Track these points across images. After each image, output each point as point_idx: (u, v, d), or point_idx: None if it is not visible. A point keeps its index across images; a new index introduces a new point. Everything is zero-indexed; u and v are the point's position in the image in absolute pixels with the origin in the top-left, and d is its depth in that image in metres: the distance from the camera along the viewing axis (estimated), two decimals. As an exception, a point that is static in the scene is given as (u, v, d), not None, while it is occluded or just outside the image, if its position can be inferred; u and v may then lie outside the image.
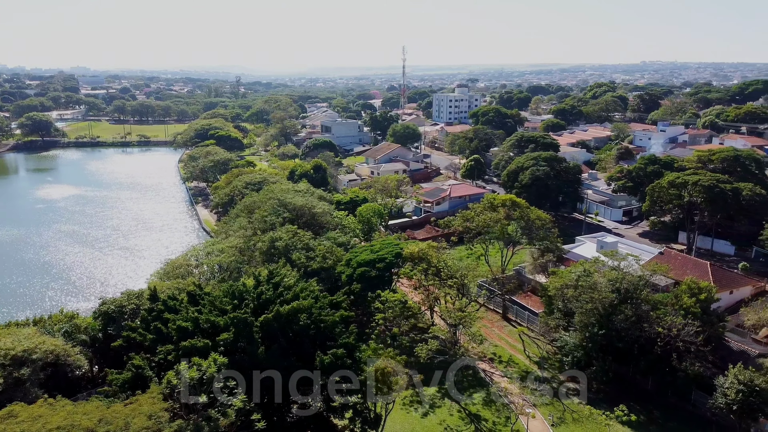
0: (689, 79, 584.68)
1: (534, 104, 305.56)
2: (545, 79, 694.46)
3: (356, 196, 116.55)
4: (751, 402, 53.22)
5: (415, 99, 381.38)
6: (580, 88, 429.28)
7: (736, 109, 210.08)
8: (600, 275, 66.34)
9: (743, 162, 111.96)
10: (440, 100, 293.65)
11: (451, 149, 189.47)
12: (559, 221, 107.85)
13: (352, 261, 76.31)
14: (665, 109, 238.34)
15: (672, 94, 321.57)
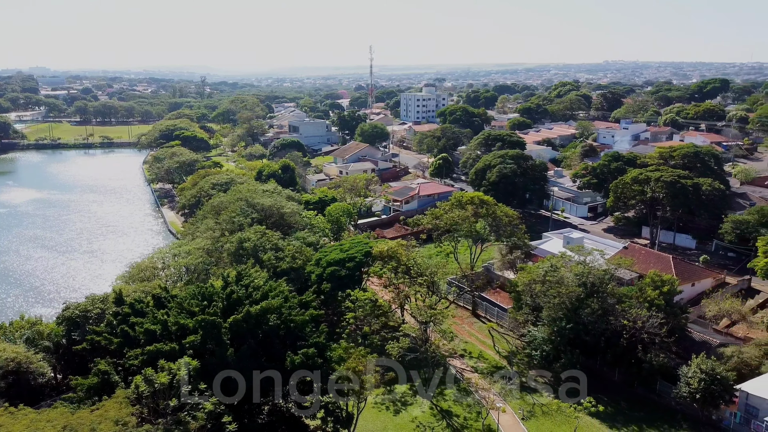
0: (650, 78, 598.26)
1: (500, 103, 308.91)
2: (511, 79, 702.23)
3: (325, 196, 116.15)
4: (712, 390, 54.85)
5: (383, 98, 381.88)
6: (545, 87, 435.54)
7: (695, 107, 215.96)
8: (567, 270, 67.43)
9: (703, 158, 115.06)
10: (408, 99, 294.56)
11: (419, 148, 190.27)
12: (526, 218, 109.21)
13: (321, 260, 76.01)
14: (628, 107, 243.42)
15: (634, 92, 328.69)
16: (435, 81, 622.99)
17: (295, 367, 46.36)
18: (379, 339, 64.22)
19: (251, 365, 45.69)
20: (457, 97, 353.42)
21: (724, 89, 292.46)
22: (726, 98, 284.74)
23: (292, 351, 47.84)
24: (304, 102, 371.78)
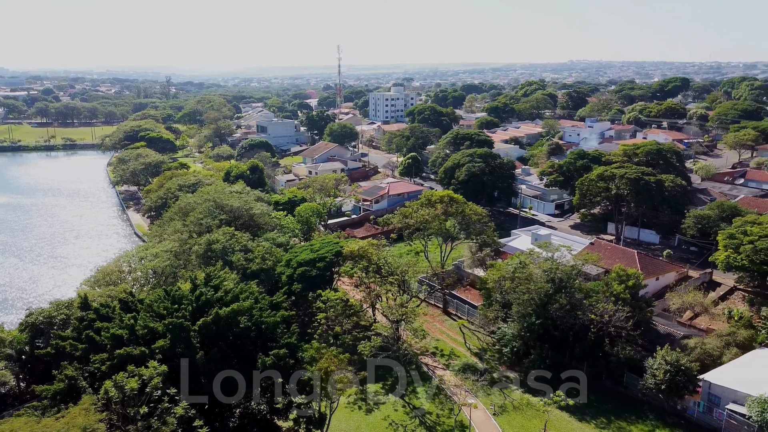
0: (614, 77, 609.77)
1: (468, 102, 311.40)
2: (478, 78, 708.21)
3: (294, 196, 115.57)
4: (677, 381, 56.31)
5: (352, 98, 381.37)
6: (512, 87, 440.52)
7: (657, 105, 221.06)
8: (535, 266, 68.38)
9: (665, 155, 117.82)
10: (376, 99, 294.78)
11: (388, 147, 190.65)
12: (495, 216, 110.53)
13: (291, 261, 75.62)
14: (592, 105, 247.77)
15: (598, 91, 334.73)
16: (403, 80, 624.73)
17: (266, 368, 46.05)
18: (351, 338, 64.17)
19: (222, 368, 45.21)
20: (425, 97, 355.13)
21: (684, 88, 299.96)
22: (686, 97, 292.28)
23: (263, 353, 47.53)
24: (272, 102, 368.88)
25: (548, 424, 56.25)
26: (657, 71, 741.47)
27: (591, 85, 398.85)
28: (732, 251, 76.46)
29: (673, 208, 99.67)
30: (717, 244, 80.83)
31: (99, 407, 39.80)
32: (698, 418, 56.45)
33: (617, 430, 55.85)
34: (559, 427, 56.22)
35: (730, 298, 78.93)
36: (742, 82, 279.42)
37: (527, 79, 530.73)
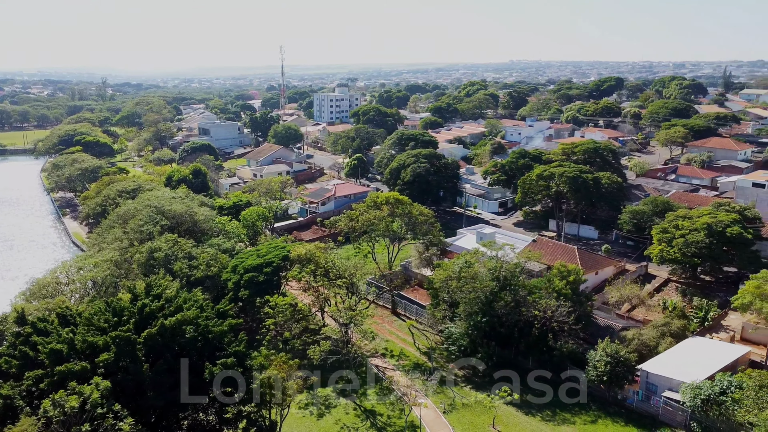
0: (553, 77, 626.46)
1: (412, 103, 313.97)
2: (422, 78, 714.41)
3: (239, 200, 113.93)
4: (617, 371, 58.72)
5: (296, 99, 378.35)
6: (454, 87, 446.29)
7: (594, 104, 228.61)
8: (480, 265, 69.84)
9: (602, 153, 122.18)
10: (321, 99, 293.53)
11: (333, 149, 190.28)
12: (440, 215, 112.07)
13: (238, 267, 74.62)
14: (532, 105, 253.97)
15: (538, 91, 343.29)
16: (347, 81, 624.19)
17: (214, 377, 45.36)
18: (301, 343, 63.95)
19: (168, 380, 44.27)
20: (369, 97, 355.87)
21: (619, 87, 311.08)
22: (621, 95, 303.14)
23: (210, 362, 46.76)
24: (213, 103, 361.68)
25: (496, 419, 57.58)
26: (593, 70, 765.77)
27: (531, 85, 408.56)
28: (665, 245, 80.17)
29: (610, 205, 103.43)
30: (651, 239, 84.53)
31: (39, 427, 38.31)
32: (637, 407, 58.96)
33: (562, 421, 57.68)
34: (507, 422, 57.63)
35: (665, 290, 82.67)
36: (672, 82, 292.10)
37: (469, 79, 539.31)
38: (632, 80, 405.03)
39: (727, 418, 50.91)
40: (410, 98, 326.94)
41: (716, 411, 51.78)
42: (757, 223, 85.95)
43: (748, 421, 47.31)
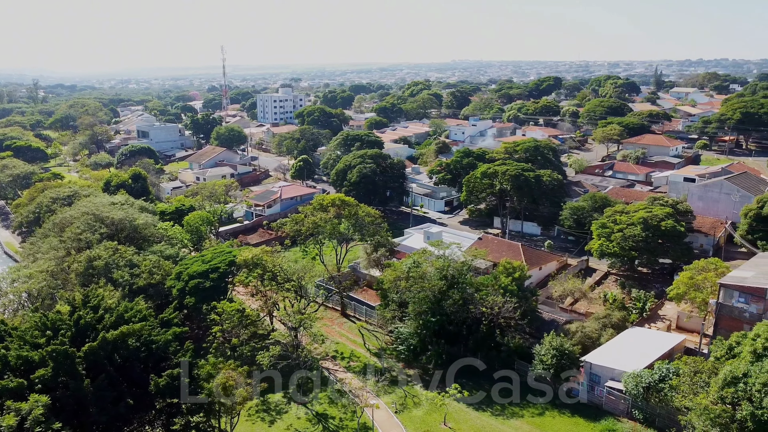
0: (494, 76, 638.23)
1: (357, 103, 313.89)
2: (366, 78, 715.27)
3: (182, 205, 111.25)
4: (562, 364, 60.41)
5: (238, 99, 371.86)
6: (398, 86, 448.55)
7: (534, 104, 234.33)
8: (429, 265, 70.51)
9: (542, 151, 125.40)
10: (264, 100, 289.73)
11: (278, 150, 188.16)
12: (388, 215, 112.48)
13: (182, 274, 72.86)
14: (475, 104, 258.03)
15: (480, 90, 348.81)
16: (291, 81, 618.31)
17: (160, 390, 44.13)
18: (249, 349, 62.93)
19: (111, 395, 42.77)
20: (314, 98, 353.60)
21: (557, 86, 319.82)
22: (560, 95, 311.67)
23: (156, 374, 45.47)
24: (153, 105, 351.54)
25: (447, 417, 58.25)
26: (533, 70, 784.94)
27: (473, 85, 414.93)
28: (604, 239, 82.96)
29: (552, 201, 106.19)
30: (591, 234, 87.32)
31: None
32: (582, 397, 60.75)
33: (511, 415, 58.86)
34: (458, 419, 58.39)
35: (605, 283, 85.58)
36: (607, 81, 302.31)
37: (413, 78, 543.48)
38: (570, 79, 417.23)
39: (666, 404, 53.20)
40: (355, 98, 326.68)
41: (656, 398, 54.00)
42: (689, 216, 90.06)
43: (684, 406, 49.47)
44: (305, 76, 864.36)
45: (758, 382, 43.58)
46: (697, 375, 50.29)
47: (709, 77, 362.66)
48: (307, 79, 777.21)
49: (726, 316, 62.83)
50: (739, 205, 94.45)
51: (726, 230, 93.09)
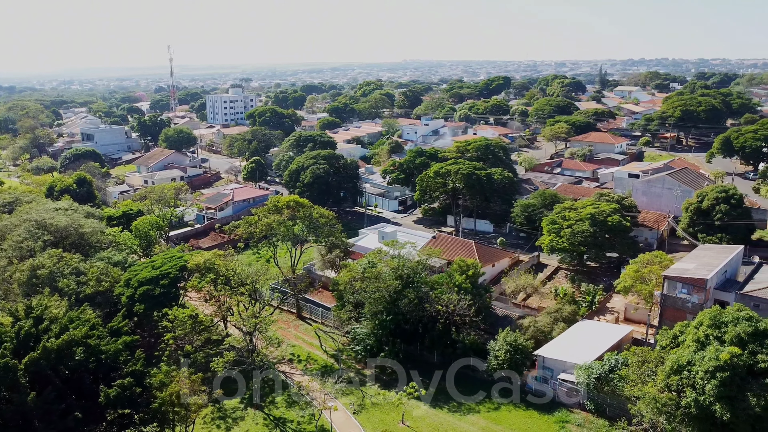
0: (445, 76, 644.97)
1: (309, 103, 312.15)
2: (318, 78, 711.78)
3: (130, 209, 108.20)
4: (516, 359, 61.59)
5: (187, 100, 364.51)
6: (351, 86, 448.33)
7: (484, 103, 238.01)
8: (384, 264, 70.74)
9: (493, 150, 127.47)
10: (214, 101, 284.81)
11: (229, 152, 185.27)
12: (342, 216, 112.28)
13: (132, 280, 70.92)
14: (427, 104, 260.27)
15: (431, 90, 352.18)
16: (241, 81, 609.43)
17: (110, 401, 42.85)
18: (203, 356, 61.74)
19: (58, 408, 41.28)
20: (265, 98, 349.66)
21: (507, 86, 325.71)
22: (509, 94, 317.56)
23: (106, 384, 44.13)
24: (97, 106, 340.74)
25: (405, 415, 58.58)
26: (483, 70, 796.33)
27: (425, 84, 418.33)
28: (554, 235, 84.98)
29: (503, 199, 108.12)
30: (542, 230, 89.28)
31: None
32: (536, 390, 62.06)
33: (468, 411, 59.64)
34: (416, 417, 58.78)
35: (556, 278, 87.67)
36: (554, 80, 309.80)
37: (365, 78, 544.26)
38: (519, 79, 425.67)
39: (616, 394, 54.86)
40: (307, 98, 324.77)
41: (607, 388, 55.64)
42: (634, 211, 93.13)
43: (633, 395, 51.16)
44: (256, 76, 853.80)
45: (701, 370, 45.43)
46: (644, 365, 51.98)
47: (650, 76, 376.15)
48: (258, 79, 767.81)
49: (670, 306, 65.29)
50: (681, 199, 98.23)
51: (669, 224, 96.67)
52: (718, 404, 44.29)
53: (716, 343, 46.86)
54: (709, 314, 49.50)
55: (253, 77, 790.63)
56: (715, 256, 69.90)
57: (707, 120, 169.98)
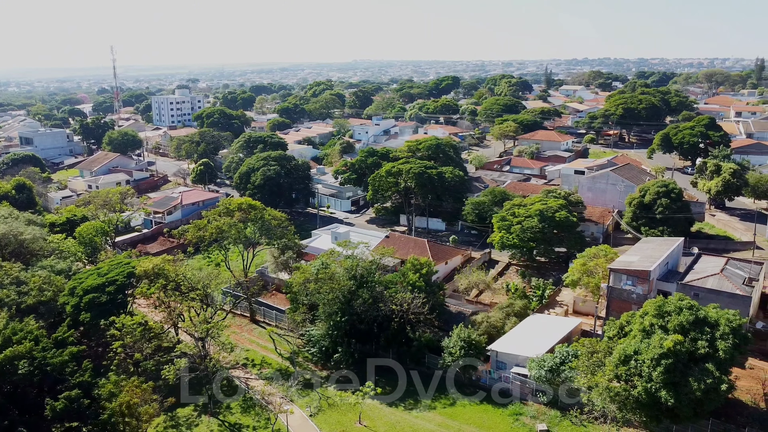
0: (395, 76, 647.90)
1: (259, 104, 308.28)
2: (267, 78, 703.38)
3: (74, 215, 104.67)
4: (470, 354, 62.41)
5: (132, 102, 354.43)
6: (300, 87, 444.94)
7: (434, 102, 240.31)
8: (337, 265, 70.58)
9: (444, 149, 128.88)
10: (160, 102, 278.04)
11: (177, 154, 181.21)
12: (294, 217, 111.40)
13: (76, 289, 68.63)
14: (377, 104, 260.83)
15: (382, 90, 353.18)
16: (188, 82, 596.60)
17: (57, 414, 41.38)
18: (154, 364, 60.33)
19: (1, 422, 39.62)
20: (213, 99, 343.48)
21: (456, 86, 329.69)
22: (458, 93, 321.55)
23: (52, 397, 42.59)
24: (36, 109, 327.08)
25: (362, 415, 58.64)
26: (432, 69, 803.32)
27: (375, 84, 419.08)
28: (505, 232, 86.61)
29: (455, 197, 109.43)
30: (493, 227, 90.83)
31: None
32: (490, 384, 63.08)
33: (424, 408, 60.09)
34: (373, 416, 58.93)
35: (507, 273, 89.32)
36: (502, 80, 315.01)
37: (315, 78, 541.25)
38: (467, 79, 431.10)
39: (567, 386, 56.31)
40: (256, 99, 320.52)
41: (558, 380, 57.04)
42: (580, 207, 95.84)
43: (584, 386, 52.65)
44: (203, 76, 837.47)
45: (647, 358, 47.19)
46: (593, 355, 53.57)
47: (593, 75, 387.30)
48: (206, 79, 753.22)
49: (616, 298, 67.51)
50: (624, 194, 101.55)
51: (613, 218, 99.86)
52: (664, 390, 46.10)
53: (660, 332, 48.77)
54: (653, 304, 51.47)
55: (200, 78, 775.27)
56: (657, 248, 72.65)
57: (648, 117, 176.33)
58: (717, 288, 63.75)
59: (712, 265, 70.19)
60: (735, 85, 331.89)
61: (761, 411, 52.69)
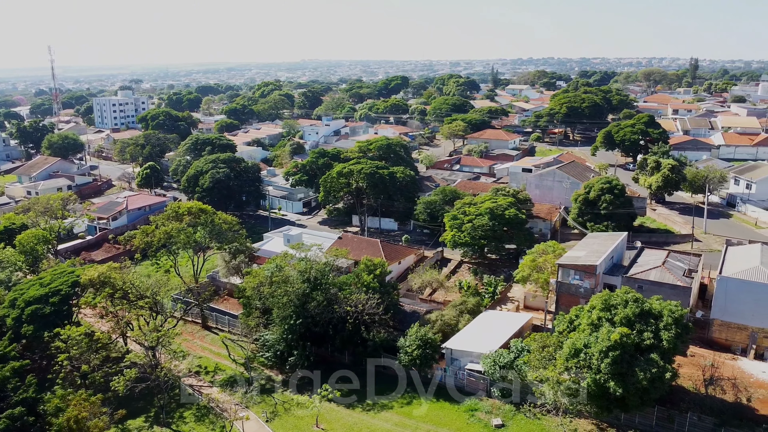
0: (344, 76, 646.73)
1: (205, 105, 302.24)
2: (214, 78, 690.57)
3: (12, 224, 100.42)
4: (426, 353, 62.98)
5: (72, 104, 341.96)
6: (248, 87, 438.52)
7: (384, 102, 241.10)
8: (291, 268, 70.01)
9: (394, 149, 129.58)
10: (102, 104, 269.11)
11: (121, 157, 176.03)
12: (245, 220, 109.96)
13: (17, 300, 65.89)
14: (327, 104, 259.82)
15: (331, 90, 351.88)
16: (131, 83, 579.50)
17: None
18: (102, 375, 58.51)
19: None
20: (158, 100, 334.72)
21: (405, 85, 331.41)
22: (407, 93, 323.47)
23: (-8, 415, 40.81)
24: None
25: (320, 418, 58.39)
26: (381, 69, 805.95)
27: (324, 84, 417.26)
28: (456, 230, 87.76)
29: (406, 197, 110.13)
30: (444, 226, 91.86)
31: None
32: (446, 382, 63.75)
33: (381, 408, 60.31)
34: (330, 419, 58.76)
35: (459, 271, 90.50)
36: (450, 79, 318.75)
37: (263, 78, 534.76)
38: (416, 78, 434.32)
39: (521, 380, 57.50)
40: (203, 100, 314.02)
41: (512, 375, 58.19)
42: (528, 204, 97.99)
43: (537, 379, 53.90)
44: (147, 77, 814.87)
45: (596, 351, 48.68)
46: (544, 349, 54.87)
47: (538, 75, 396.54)
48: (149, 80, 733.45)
49: (565, 293, 69.38)
50: (570, 191, 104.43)
51: (560, 215, 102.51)
52: (612, 381, 47.66)
53: (608, 325, 50.38)
54: (600, 298, 53.11)
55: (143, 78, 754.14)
56: (603, 243, 75.02)
57: (591, 116, 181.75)
58: (659, 280, 66.37)
59: (654, 258, 72.96)
60: (672, 83, 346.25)
61: (702, 396, 55.06)
